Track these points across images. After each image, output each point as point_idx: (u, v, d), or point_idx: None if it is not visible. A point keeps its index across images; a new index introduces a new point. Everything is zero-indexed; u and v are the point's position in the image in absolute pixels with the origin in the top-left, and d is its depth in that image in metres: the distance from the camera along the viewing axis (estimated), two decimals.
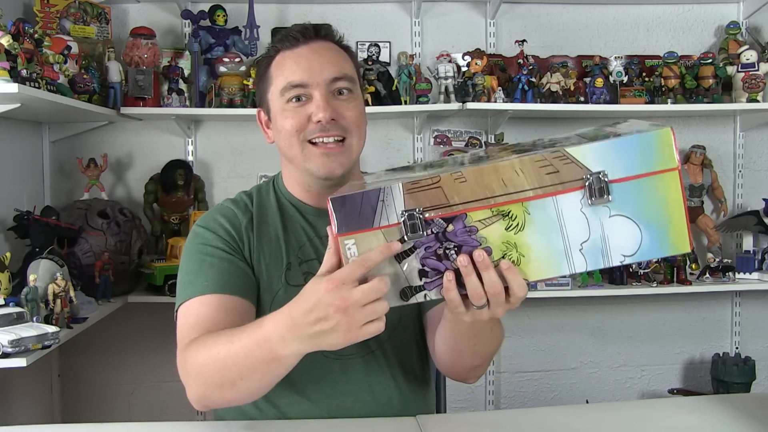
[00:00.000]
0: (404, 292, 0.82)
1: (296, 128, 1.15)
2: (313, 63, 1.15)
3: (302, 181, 1.22)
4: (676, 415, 1.15)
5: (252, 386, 0.99)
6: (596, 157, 0.78)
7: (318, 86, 1.14)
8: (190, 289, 1.12)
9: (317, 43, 1.18)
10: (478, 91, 2.42)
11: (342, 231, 0.81)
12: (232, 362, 0.96)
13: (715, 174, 2.69)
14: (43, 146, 2.46)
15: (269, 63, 1.20)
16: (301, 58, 1.16)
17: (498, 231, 0.79)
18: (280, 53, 1.18)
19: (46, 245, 2.00)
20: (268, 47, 1.23)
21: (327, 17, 2.60)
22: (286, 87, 1.15)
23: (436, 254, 0.80)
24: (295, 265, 1.19)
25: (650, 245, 0.80)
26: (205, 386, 1.01)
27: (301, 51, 1.17)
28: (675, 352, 2.81)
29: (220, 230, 1.19)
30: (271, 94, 1.19)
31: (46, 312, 1.82)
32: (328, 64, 1.16)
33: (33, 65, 1.80)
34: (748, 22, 2.73)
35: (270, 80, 1.19)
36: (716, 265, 2.54)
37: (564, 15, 2.71)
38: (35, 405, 2.37)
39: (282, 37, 1.19)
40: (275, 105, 1.18)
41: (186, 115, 2.49)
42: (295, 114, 1.15)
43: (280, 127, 1.17)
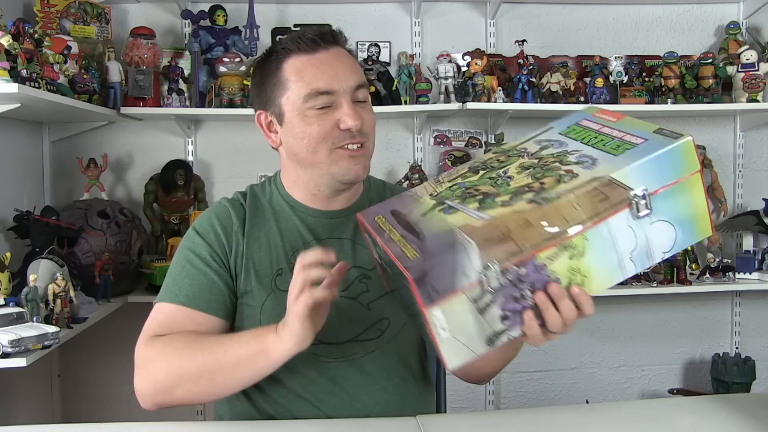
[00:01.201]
0: (490, 339, 0.85)
1: (323, 135, 1.14)
2: (338, 70, 1.15)
3: (313, 185, 1.21)
4: (676, 415, 1.15)
5: (228, 381, 1.06)
6: (636, 176, 0.85)
7: (345, 94, 1.14)
8: (166, 292, 1.17)
9: (335, 49, 1.17)
10: (478, 91, 2.42)
11: (427, 303, 0.81)
12: (211, 358, 1.06)
13: (715, 174, 2.69)
14: (43, 146, 2.46)
15: (279, 64, 1.17)
16: (324, 65, 1.15)
17: (563, 262, 0.84)
18: (295, 56, 1.16)
19: (46, 245, 2.00)
20: (276, 47, 1.19)
21: (327, 17, 2.60)
22: (311, 94, 1.13)
23: (513, 297, 0.84)
24: (287, 271, 1.17)
25: (683, 238, 0.90)
26: (171, 381, 1.08)
27: (322, 57, 1.15)
28: (675, 352, 2.81)
29: (210, 236, 1.19)
30: (286, 98, 1.16)
31: (46, 312, 1.82)
32: (351, 72, 1.16)
33: (33, 65, 1.80)
34: (748, 22, 2.73)
35: (284, 84, 1.16)
36: (716, 265, 2.54)
37: (564, 15, 2.71)
38: (35, 405, 2.37)
39: (295, 39, 1.16)
40: (292, 109, 1.16)
41: (186, 115, 2.49)
42: (321, 121, 1.14)
43: (300, 132, 1.15)
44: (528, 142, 1.01)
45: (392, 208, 0.98)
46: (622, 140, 0.91)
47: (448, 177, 1.01)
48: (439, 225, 0.88)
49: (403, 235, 0.90)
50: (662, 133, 0.89)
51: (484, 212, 0.86)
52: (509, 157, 0.98)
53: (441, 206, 0.92)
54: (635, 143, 0.89)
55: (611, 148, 0.91)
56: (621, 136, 0.92)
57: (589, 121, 0.99)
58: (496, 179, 0.93)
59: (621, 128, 0.94)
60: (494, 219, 0.84)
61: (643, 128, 0.92)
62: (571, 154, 0.93)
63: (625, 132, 0.92)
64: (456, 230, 0.84)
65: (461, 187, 0.95)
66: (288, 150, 1.20)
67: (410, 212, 0.95)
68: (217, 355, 1.05)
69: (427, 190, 1.00)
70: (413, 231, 0.90)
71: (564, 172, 0.89)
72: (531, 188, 0.88)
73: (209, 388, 1.06)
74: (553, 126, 1.03)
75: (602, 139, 0.93)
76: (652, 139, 0.89)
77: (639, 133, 0.91)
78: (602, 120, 0.98)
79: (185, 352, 1.07)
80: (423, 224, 0.90)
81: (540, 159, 0.94)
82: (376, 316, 1.19)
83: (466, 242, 0.82)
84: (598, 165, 0.88)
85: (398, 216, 0.96)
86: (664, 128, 0.90)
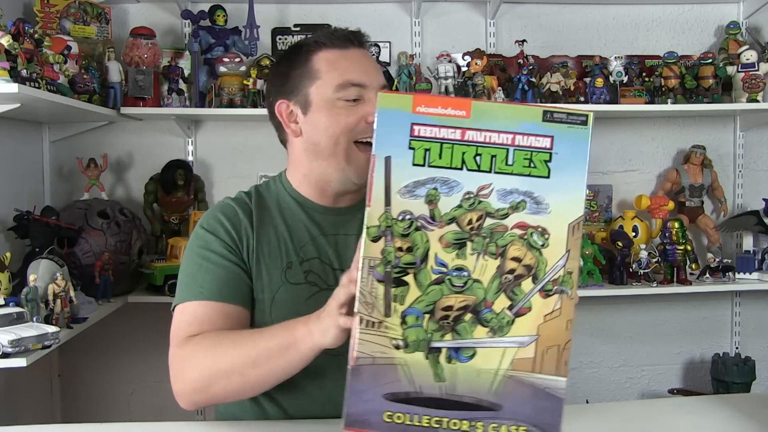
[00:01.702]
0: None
1: (350, 127, 1.16)
2: (369, 67, 1.20)
3: (324, 179, 1.22)
4: (676, 415, 1.15)
5: (261, 376, 1.04)
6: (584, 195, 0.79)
7: (374, 89, 1.17)
8: (187, 292, 1.15)
9: (364, 50, 1.22)
10: (478, 91, 2.42)
11: None
12: (243, 354, 1.03)
13: (715, 174, 2.69)
14: (43, 146, 2.46)
15: (309, 56, 1.19)
16: (356, 61, 1.19)
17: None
18: (327, 49, 1.19)
19: (46, 245, 2.00)
20: (307, 40, 1.22)
21: (327, 17, 2.60)
22: (344, 84, 1.16)
23: None
24: (296, 264, 1.19)
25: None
26: (206, 379, 1.05)
27: (354, 54, 1.19)
28: (675, 352, 2.81)
29: (220, 231, 1.19)
30: (316, 87, 1.18)
31: (46, 312, 1.82)
32: (378, 71, 1.21)
33: (33, 65, 1.80)
34: (748, 22, 2.73)
35: (316, 73, 1.18)
36: (716, 265, 2.54)
37: (564, 15, 2.71)
38: (35, 405, 2.37)
39: (329, 35, 1.20)
40: (321, 99, 1.18)
41: (186, 115, 2.49)
42: (350, 113, 1.16)
43: (325, 121, 1.17)
44: (410, 202, 0.77)
45: (384, 392, 0.79)
46: (524, 148, 0.76)
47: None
48: (484, 382, 0.76)
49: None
50: (554, 119, 0.76)
51: (512, 335, 0.76)
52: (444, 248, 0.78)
53: (432, 353, 0.76)
54: (546, 148, 0.76)
55: (525, 167, 0.76)
56: (512, 139, 0.76)
57: (427, 126, 0.76)
58: (464, 285, 0.77)
59: (494, 125, 0.76)
60: (539, 336, 0.76)
61: (522, 116, 0.76)
62: (486, 197, 0.76)
63: (508, 131, 0.76)
64: (515, 377, 0.75)
65: (438, 325, 0.77)
66: (308, 140, 1.21)
67: (421, 387, 0.77)
68: (246, 349, 1.04)
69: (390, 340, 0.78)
70: (469, 407, 0.77)
71: (518, 232, 0.76)
72: (513, 271, 0.76)
73: (242, 384, 1.05)
74: (382, 153, 0.77)
75: (494, 154, 0.76)
76: (556, 133, 0.76)
77: (528, 127, 0.76)
78: (452, 120, 0.76)
79: (217, 349, 1.06)
80: (466, 392, 0.76)
81: (474, 230, 0.77)
82: None
83: (550, 384, 0.75)
84: (546, 202, 0.76)
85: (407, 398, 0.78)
86: (546, 108, 0.77)
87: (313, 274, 1.19)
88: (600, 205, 2.72)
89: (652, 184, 2.77)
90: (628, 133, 2.75)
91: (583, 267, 2.46)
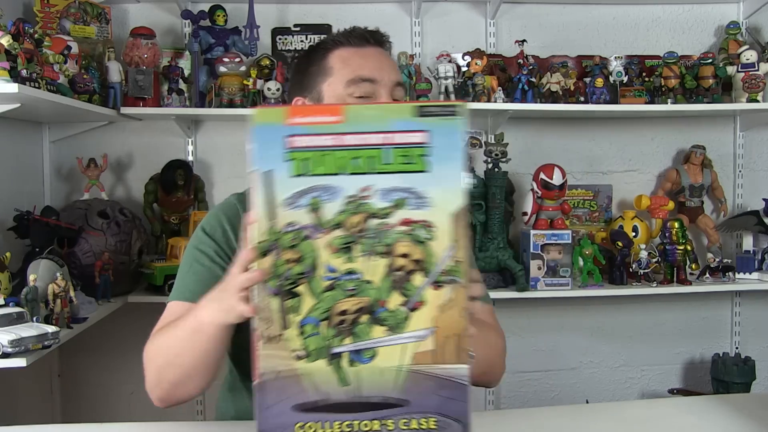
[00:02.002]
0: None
1: None
2: (383, 64, 1.19)
3: None
4: (676, 415, 1.15)
5: (185, 362, 1.03)
6: (463, 180, 0.79)
7: (385, 86, 1.17)
8: (175, 292, 1.18)
9: (382, 49, 1.22)
10: (478, 91, 2.42)
11: None
12: (172, 341, 1.04)
13: (715, 174, 2.69)
14: (43, 146, 2.46)
15: (326, 54, 1.20)
16: (369, 57, 1.19)
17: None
18: (343, 48, 1.20)
19: (46, 245, 2.00)
20: (325, 39, 1.24)
21: (327, 17, 2.60)
22: (355, 79, 1.16)
23: None
24: None
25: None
26: (156, 371, 1.09)
27: (369, 51, 1.20)
28: (675, 352, 2.81)
29: (217, 233, 1.20)
30: (328, 84, 1.19)
31: (46, 312, 1.82)
32: (393, 69, 1.21)
33: (33, 65, 1.80)
34: (748, 22, 2.73)
35: (329, 71, 1.19)
36: (716, 265, 2.54)
37: (564, 15, 2.71)
38: (35, 405, 2.37)
39: (347, 34, 1.21)
40: (332, 95, 1.18)
41: (186, 115, 2.49)
42: None
43: None
44: (293, 212, 0.77)
45: (293, 404, 0.78)
46: (400, 145, 0.77)
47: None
48: (388, 380, 0.77)
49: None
50: (426, 113, 0.76)
51: (409, 330, 0.76)
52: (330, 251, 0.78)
53: (334, 359, 0.77)
54: (422, 143, 0.76)
55: (403, 164, 0.76)
56: (387, 139, 0.77)
57: (303, 136, 0.76)
58: (356, 288, 0.77)
59: (368, 127, 0.77)
60: (437, 327, 0.76)
61: (395, 115, 0.77)
62: (368, 198, 0.77)
63: (383, 131, 0.76)
64: (418, 370, 0.76)
65: (336, 330, 0.77)
66: None
67: (328, 394, 0.77)
68: (169, 339, 1.05)
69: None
70: (378, 406, 0.77)
71: (404, 229, 0.76)
72: (404, 268, 0.77)
73: (181, 373, 1.05)
74: (261, 168, 0.76)
75: (372, 155, 0.76)
76: (430, 127, 0.76)
77: (402, 125, 0.76)
78: (327, 126, 0.76)
79: (159, 342, 1.09)
80: (372, 392, 0.77)
81: (360, 232, 0.77)
82: None
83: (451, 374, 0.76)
84: (427, 196, 0.76)
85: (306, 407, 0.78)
86: (417, 104, 0.77)
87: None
88: (600, 205, 2.72)
89: (652, 184, 2.77)
90: (628, 133, 2.75)
91: (584, 267, 2.46)
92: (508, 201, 2.54)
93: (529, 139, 2.70)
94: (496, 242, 2.43)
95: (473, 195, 2.43)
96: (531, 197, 2.45)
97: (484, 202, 2.45)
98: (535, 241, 2.38)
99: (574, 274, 2.46)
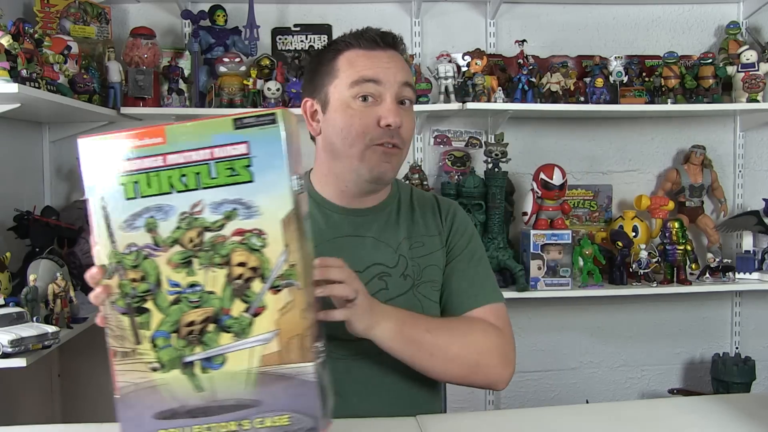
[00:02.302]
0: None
1: (363, 130, 1.15)
2: (389, 64, 1.18)
3: (342, 179, 1.22)
4: (676, 415, 1.15)
5: None
6: (291, 183, 0.81)
7: (390, 87, 1.16)
8: None
9: (393, 52, 1.20)
10: (478, 91, 2.42)
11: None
12: None
13: (715, 174, 2.69)
14: (43, 146, 2.46)
15: (336, 56, 1.19)
16: (376, 59, 1.18)
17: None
18: (352, 50, 1.19)
19: (46, 245, 2.00)
20: (337, 40, 1.22)
21: (327, 17, 2.60)
22: (358, 80, 1.15)
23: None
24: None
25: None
26: None
27: (378, 53, 1.18)
28: (675, 352, 2.81)
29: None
30: (334, 86, 1.18)
31: (46, 312, 1.82)
32: (401, 70, 1.19)
33: (33, 65, 1.80)
34: (748, 22, 2.73)
35: (336, 72, 1.18)
36: (716, 265, 2.54)
37: (564, 15, 2.71)
38: (35, 405, 2.37)
39: (357, 36, 1.20)
40: (337, 97, 1.18)
41: (186, 115, 2.48)
42: (363, 114, 1.15)
43: (340, 123, 1.17)
44: (130, 235, 0.80)
45: (153, 413, 0.82)
46: (223, 159, 0.78)
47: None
48: (239, 383, 0.80)
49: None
50: (245, 124, 0.78)
51: (254, 334, 0.79)
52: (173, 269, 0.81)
53: (187, 368, 0.80)
54: (244, 154, 0.78)
55: (229, 176, 0.79)
56: (210, 154, 0.79)
57: (131, 160, 0.79)
58: (200, 299, 0.80)
59: (190, 145, 0.79)
60: (280, 330, 0.79)
61: (214, 130, 0.79)
62: (200, 213, 0.79)
63: (205, 147, 0.78)
64: (267, 371, 0.79)
65: (186, 341, 0.80)
66: (325, 139, 1.21)
67: (185, 401, 0.81)
68: None
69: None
70: (233, 408, 0.81)
71: (237, 239, 0.79)
72: (242, 276, 0.79)
73: None
74: (96, 194, 0.80)
75: (198, 171, 0.79)
76: (250, 138, 0.78)
77: (222, 138, 0.78)
78: (151, 149, 0.79)
79: None
80: (226, 395, 0.80)
81: (197, 246, 0.79)
82: None
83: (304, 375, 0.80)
84: (255, 205, 0.79)
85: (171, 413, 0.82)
86: (235, 116, 0.79)
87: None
88: (600, 205, 2.72)
89: (652, 184, 2.77)
90: (628, 133, 2.75)
91: (584, 267, 2.46)
92: (508, 201, 2.54)
93: (529, 139, 2.70)
94: (496, 242, 2.43)
95: (473, 195, 2.43)
96: (531, 197, 2.44)
97: (484, 202, 2.45)
98: (535, 241, 2.38)
99: (574, 274, 2.46)
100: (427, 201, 1.34)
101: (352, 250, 1.22)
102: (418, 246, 1.26)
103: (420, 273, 1.25)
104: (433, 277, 1.26)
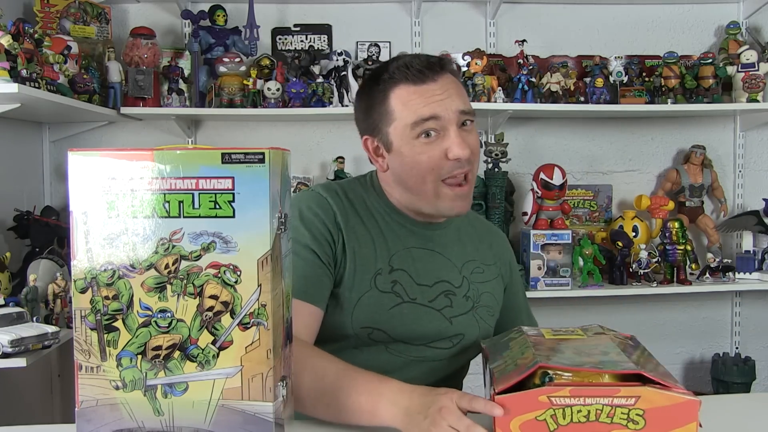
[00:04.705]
0: None
1: (432, 166, 1.15)
2: (443, 95, 1.15)
3: (416, 208, 1.22)
4: None
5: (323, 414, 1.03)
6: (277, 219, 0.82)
7: (450, 120, 1.14)
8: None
9: (442, 78, 1.17)
10: (478, 91, 2.41)
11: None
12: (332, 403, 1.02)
13: (715, 174, 2.69)
14: (43, 146, 2.46)
15: (387, 94, 1.17)
16: (429, 93, 1.15)
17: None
18: (403, 86, 1.16)
19: (46, 245, 2.00)
20: (383, 75, 1.18)
21: (327, 17, 2.60)
22: (418, 121, 1.14)
23: None
24: (386, 271, 1.19)
25: None
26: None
27: (429, 87, 1.15)
28: (675, 352, 2.81)
29: (315, 226, 1.17)
30: (393, 128, 1.17)
31: (46, 312, 1.82)
32: (456, 97, 1.16)
33: (33, 65, 1.80)
34: (748, 22, 2.73)
35: (391, 114, 1.17)
36: (716, 265, 2.54)
37: (564, 15, 2.71)
38: (35, 405, 2.37)
39: (403, 69, 1.16)
40: (400, 139, 1.16)
41: (186, 115, 2.49)
42: (429, 150, 1.15)
43: (409, 161, 1.16)
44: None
45: (111, 430, 0.82)
46: (208, 191, 0.79)
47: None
48: (199, 413, 0.80)
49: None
50: (232, 160, 0.78)
51: (218, 367, 0.80)
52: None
53: (149, 390, 0.81)
54: (228, 189, 0.79)
55: (211, 209, 0.79)
56: (195, 184, 0.79)
57: (125, 180, 0.80)
58: (169, 325, 0.81)
59: (177, 173, 0.79)
60: (243, 366, 0.79)
61: (202, 161, 0.79)
62: (178, 241, 0.79)
63: (191, 177, 0.79)
64: (227, 405, 0.79)
65: (151, 364, 0.81)
66: (395, 175, 1.21)
67: (144, 422, 0.82)
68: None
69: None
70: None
71: (212, 272, 0.79)
72: (212, 309, 0.80)
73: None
74: (79, 209, 0.81)
75: (181, 199, 0.79)
76: (236, 174, 0.78)
77: (209, 171, 0.78)
78: (138, 171, 0.80)
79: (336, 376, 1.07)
80: (184, 422, 0.81)
81: (172, 273, 0.80)
82: (455, 330, 1.23)
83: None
84: (233, 240, 0.79)
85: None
86: (224, 151, 0.78)
87: (399, 285, 1.19)
88: (600, 205, 2.72)
89: (652, 184, 2.77)
90: (628, 133, 2.75)
91: (584, 267, 2.46)
92: (508, 201, 2.54)
93: (529, 139, 2.70)
94: None
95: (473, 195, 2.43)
96: (531, 197, 2.44)
97: (484, 202, 2.45)
98: (535, 241, 2.38)
99: (574, 274, 2.46)
100: (484, 227, 1.39)
101: (424, 263, 1.22)
102: (478, 272, 1.29)
103: (479, 297, 1.27)
104: (489, 303, 1.29)
